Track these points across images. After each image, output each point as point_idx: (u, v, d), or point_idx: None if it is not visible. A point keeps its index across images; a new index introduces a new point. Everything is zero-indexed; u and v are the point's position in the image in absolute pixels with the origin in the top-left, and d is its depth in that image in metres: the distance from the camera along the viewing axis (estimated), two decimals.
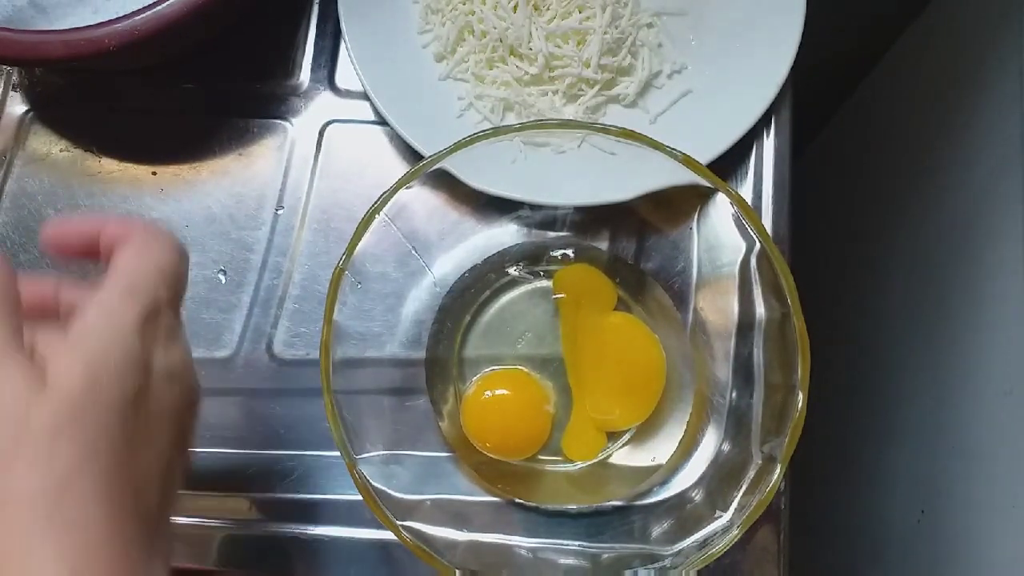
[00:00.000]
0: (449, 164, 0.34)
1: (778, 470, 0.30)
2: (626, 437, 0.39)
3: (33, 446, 0.22)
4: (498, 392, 0.38)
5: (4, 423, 0.22)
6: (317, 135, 0.43)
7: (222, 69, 0.44)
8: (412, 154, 0.42)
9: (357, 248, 0.33)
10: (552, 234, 0.41)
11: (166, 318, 0.27)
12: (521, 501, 0.37)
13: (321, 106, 0.44)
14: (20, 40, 0.35)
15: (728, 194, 0.33)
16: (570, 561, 0.36)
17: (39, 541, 0.21)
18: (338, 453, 0.31)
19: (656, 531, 0.35)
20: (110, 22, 0.35)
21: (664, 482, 0.36)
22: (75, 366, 0.23)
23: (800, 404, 0.31)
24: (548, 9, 0.42)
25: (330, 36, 0.45)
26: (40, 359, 0.24)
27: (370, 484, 0.31)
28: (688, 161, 0.33)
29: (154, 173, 0.43)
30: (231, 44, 0.43)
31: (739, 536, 0.30)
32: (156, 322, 0.26)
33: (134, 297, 0.26)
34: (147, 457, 0.25)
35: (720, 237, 0.35)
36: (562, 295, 0.39)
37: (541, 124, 0.34)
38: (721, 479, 0.34)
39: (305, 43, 0.45)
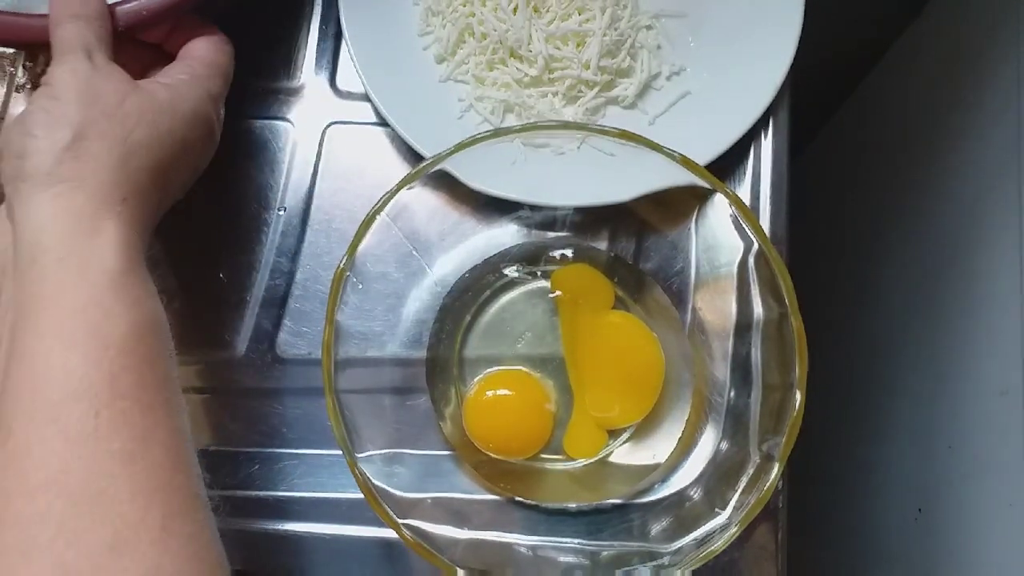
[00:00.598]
0: (450, 165, 0.34)
1: (776, 469, 0.31)
2: (626, 435, 0.39)
3: (122, 120, 0.31)
4: (500, 393, 0.38)
5: (107, 101, 0.31)
6: (319, 136, 0.43)
7: None
8: (413, 155, 0.42)
9: (359, 248, 0.33)
10: (552, 234, 0.41)
11: (222, 109, 0.37)
12: (521, 499, 0.37)
13: (322, 107, 0.44)
14: (31, 25, 0.35)
15: (726, 195, 0.33)
16: (570, 559, 0.36)
17: (110, 166, 0.30)
18: (340, 451, 0.31)
19: (655, 529, 0.35)
20: (120, 2, 0.35)
21: (663, 480, 0.37)
22: (161, 89, 0.32)
23: (798, 403, 0.31)
24: (548, 11, 0.42)
25: (331, 38, 0.45)
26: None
27: (371, 482, 0.31)
28: (686, 162, 0.33)
29: None
30: (232, 45, 0.44)
31: (737, 534, 0.31)
32: (218, 105, 0.36)
33: (219, 78, 0.35)
34: (174, 179, 0.33)
35: (718, 237, 0.35)
36: (559, 293, 0.40)
37: (541, 125, 0.34)
38: (720, 477, 0.34)
39: (306, 45, 0.45)
